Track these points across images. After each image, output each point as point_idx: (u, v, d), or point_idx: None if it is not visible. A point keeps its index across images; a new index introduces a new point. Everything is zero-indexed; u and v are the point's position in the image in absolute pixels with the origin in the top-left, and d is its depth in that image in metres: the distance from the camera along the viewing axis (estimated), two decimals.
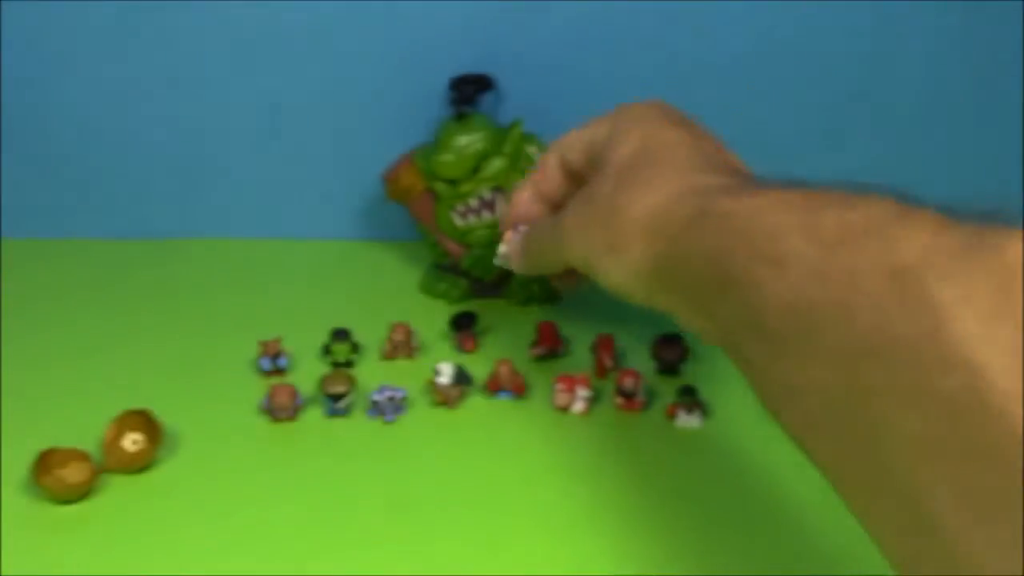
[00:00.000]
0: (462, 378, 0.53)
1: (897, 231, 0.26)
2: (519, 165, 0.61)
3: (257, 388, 0.54)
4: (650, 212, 0.38)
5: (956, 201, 0.27)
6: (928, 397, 0.24)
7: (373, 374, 0.55)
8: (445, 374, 0.53)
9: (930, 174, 0.49)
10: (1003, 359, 0.22)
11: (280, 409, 0.52)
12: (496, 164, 0.60)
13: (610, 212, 0.40)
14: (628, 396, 0.53)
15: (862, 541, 0.45)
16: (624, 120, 0.44)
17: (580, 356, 0.58)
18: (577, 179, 0.47)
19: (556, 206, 0.48)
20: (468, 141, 0.60)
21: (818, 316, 0.28)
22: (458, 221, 0.62)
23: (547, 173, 0.49)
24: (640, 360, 0.57)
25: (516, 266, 0.51)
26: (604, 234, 0.41)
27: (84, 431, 0.50)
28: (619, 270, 0.40)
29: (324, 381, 0.53)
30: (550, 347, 0.57)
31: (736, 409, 0.53)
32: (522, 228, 0.50)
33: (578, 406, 0.53)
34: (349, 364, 0.57)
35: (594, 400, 0.54)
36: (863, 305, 0.26)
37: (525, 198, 0.50)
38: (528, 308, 0.63)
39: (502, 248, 0.52)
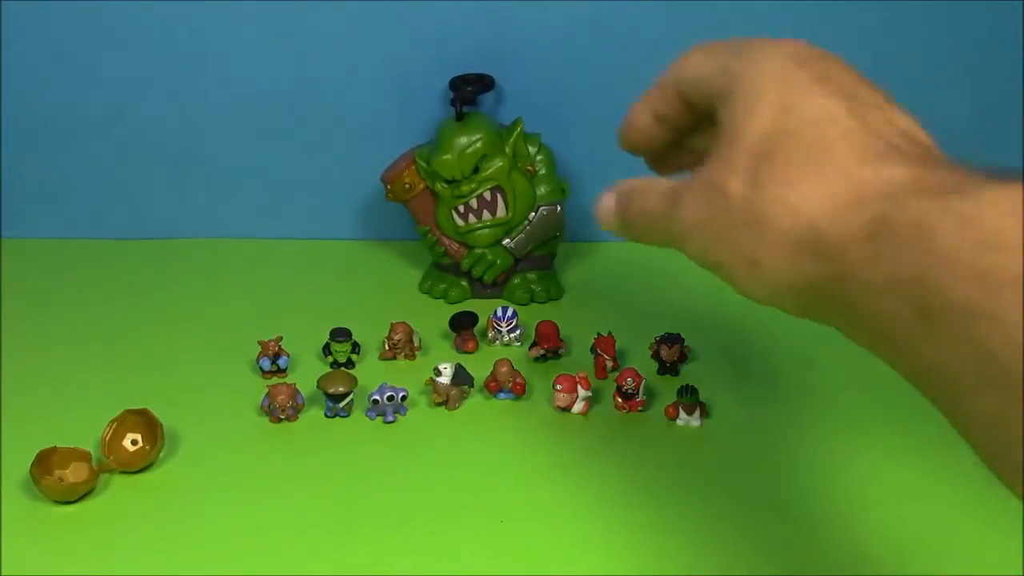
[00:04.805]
0: (462, 378, 0.53)
1: None
2: (519, 165, 0.61)
3: (257, 388, 0.54)
4: (807, 224, 0.30)
5: None
6: None
7: (373, 374, 0.55)
8: (445, 374, 0.53)
9: None
10: None
11: (280, 409, 0.52)
12: (496, 164, 0.60)
13: (750, 220, 0.32)
14: (628, 396, 0.53)
15: (862, 541, 0.45)
16: (755, 75, 0.34)
17: (580, 356, 0.58)
18: (698, 112, 0.38)
19: (678, 131, 0.40)
20: (468, 141, 0.60)
21: None
22: (458, 221, 0.62)
23: (665, 98, 0.39)
24: (640, 360, 0.57)
25: (610, 226, 0.40)
26: (742, 246, 0.32)
27: (84, 431, 0.50)
28: (765, 288, 0.33)
29: (324, 381, 0.53)
30: (550, 347, 0.57)
31: (736, 409, 0.53)
32: (622, 188, 0.39)
33: (578, 406, 0.53)
34: (349, 364, 0.57)
35: (594, 400, 0.54)
36: None
37: (645, 122, 0.40)
38: (528, 308, 0.62)
39: (600, 207, 0.40)
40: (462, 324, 0.58)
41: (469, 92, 0.61)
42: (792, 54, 0.34)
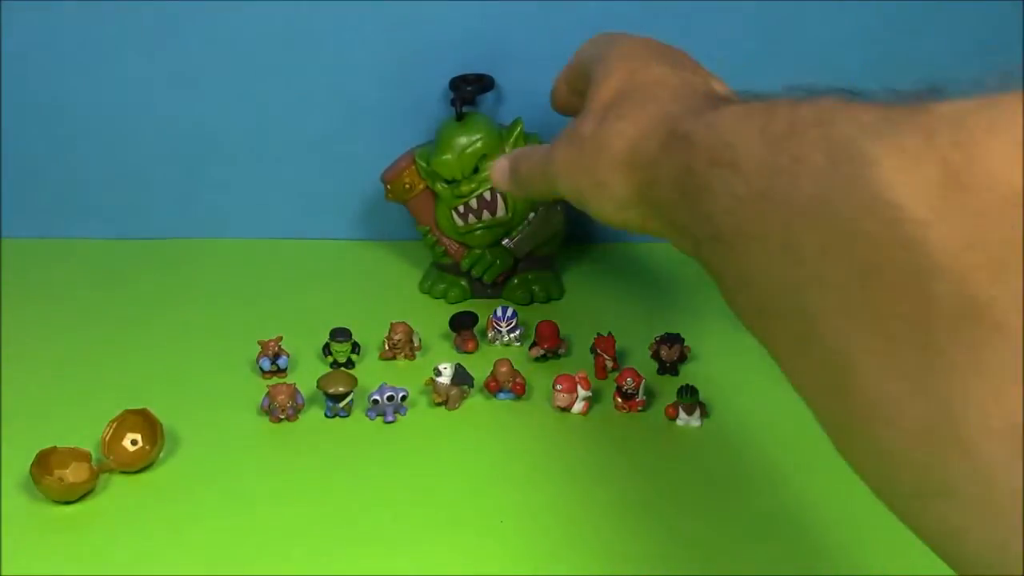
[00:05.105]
0: (462, 378, 0.53)
1: (842, 115, 0.28)
2: None
3: (257, 388, 0.54)
4: (629, 146, 0.40)
5: None
6: (853, 243, 0.25)
7: (373, 374, 0.55)
8: (445, 374, 0.53)
9: None
10: (920, 194, 0.23)
11: (280, 409, 0.52)
12: None
13: (594, 150, 0.42)
14: (628, 396, 0.53)
15: (862, 541, 0.45)
16: (613, 57, 0.46)
17: (580, 356, 0.58)
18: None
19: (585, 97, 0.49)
20: (468, 141, 0.60)
21: (766, 205, 0.29)
22: (458, 221, 0.62)
23: (571, 74, 0.51)
24: (640, 360, 0.57)
25: (505, 188, 0.52)
26: (590, 171, 0.42)
27: (84, 431, 0.50)
28: (608, 204, 0.42)
29: (324, 381, 0.53)
30: (550, 347, 0.57)
31: (736, 409, 0.53)
32: (513, 154, 0.52)
33: (578, 406, 0.53)
34: (349, 364, 0.57)
35: (594, 400, 0.54)
36: (805, 182, 0.28)
37: (562, 91, 0.52)
38: (528, 307, 0.63)
39: (495, 169, 0.52)
40: (462, 324, 0.58)
41: (469, 92, 0.61)
42: (641, 42, 0.47)
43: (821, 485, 0.48)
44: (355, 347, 0.57)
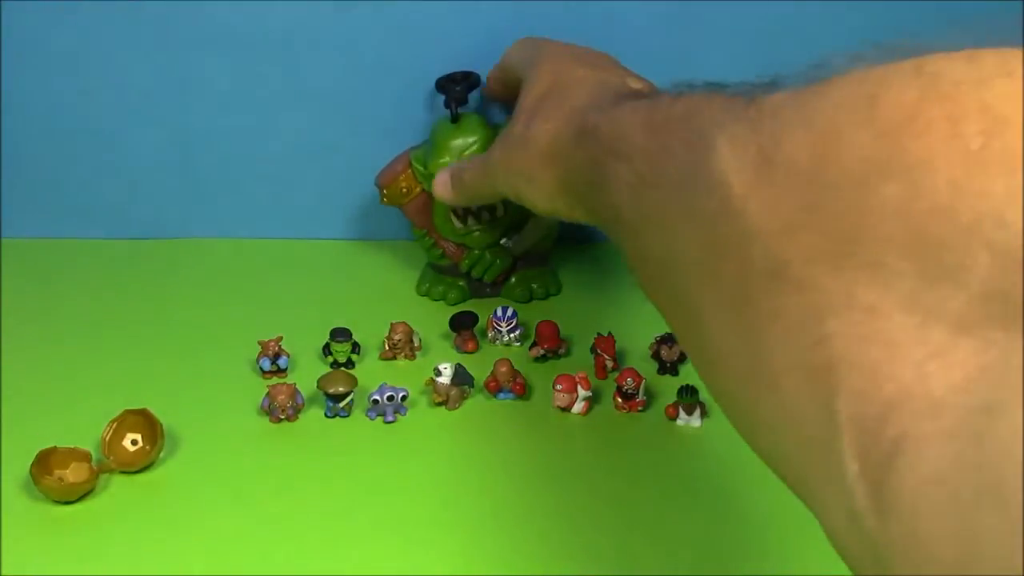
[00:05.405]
0: (462, 378, 0.53)
1: (702, 108, 0.32)
2: None
3: (257, 388, 0.54)
4: (549, 141, 0.45)
5: None
6: (702, 217, 0.29)
7: (373, 374, 0.55)
8: (445, 374, 0.53)
9: None
10: (743, 173, 0.27)
11: (280, 409, 0.52)
12: None
13: (524, 147, 0.47)
14: (628, 396, 0.53)
15: None
16: (540, 62, 0.51)
17: (580, 356, 0.58)
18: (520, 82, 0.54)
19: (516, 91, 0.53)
20: (465, 143, 0.59)
21: (648, 190, 0.34)
22: (456, 223, 0.62)
23: (500, 73, 0.59)
24: (640, 360, 0.57)
25: (449, 199, 0.57)
26: (522, 168, 0.47)
27: (84, 431, 0.50)
28: (539, 196, 0.47)
29: (324, 381, 0.53)
30: (550, 347, 0.57)
31: None
32: (452, 167, 0.57)
33: (578, 406, 0.53)
34: (349, 364, 0.57)
35: (594, 400, 0.54)
36: (672, 168, 0.32)
37: (494, 87, 0.60)
38: (528, 307, 0.62)
39: (436, 183, 0.57)
40: (462, 324, 0.58)
41: (460, 92, 0.61)
42: (566, 47, 0.53)
43: None
44: (355, 347, 0.57)
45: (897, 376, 0.23)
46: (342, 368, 0.56)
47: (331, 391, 0.52)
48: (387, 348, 0.57)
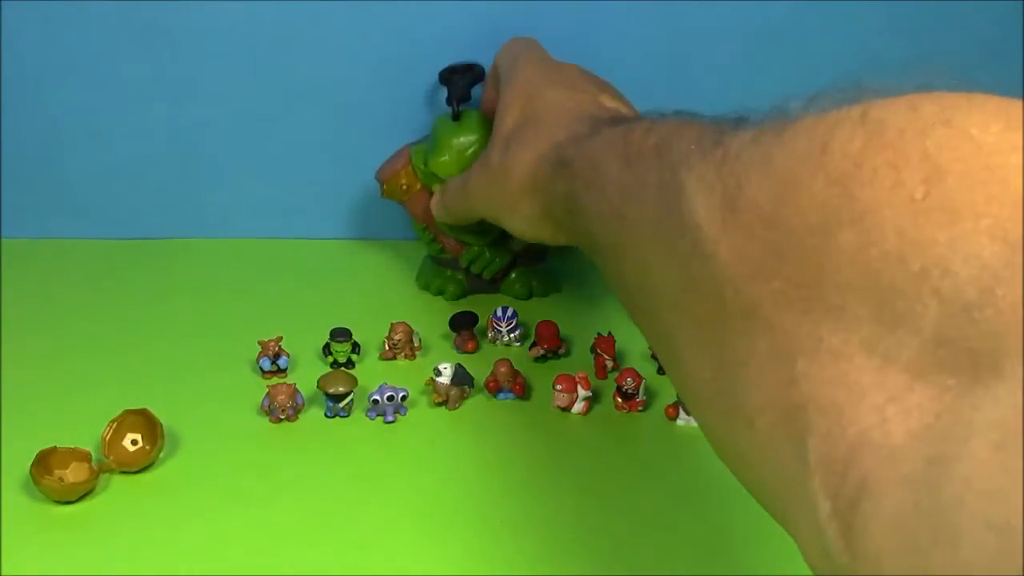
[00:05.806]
0: (462, 378, 0.53)
1: (674, 142, 0.33)
2: None
3: (257, 388, 0.54)
4: (528, 172, 0.46)
5: None
6: (676, 256, 0.30)
7: (373, 374, 0.55)
8: (445, 374, 0.53)
9: None
10: (712, 216, 0.28)
11: (280, 409, 0.52)
12: None
13: (502, 177, 0.48)
14: (628, 396, 0.53)
15: None
16: (513, 84, 0.52)
17: (580, 356, 0.58)
18: None
19: None
20: (467, 141, 0.59)
21: (623, 223, 0.35)
22: None
23: (493, 76, 0.58)
24: (640, 360, 0.57)
25: (441, 218, 0.59)
26: (501, 196, 0.49)
27: (84, 431, 0.50)
28: (522, 223, 0.49)
29: (324, 381, 0.53)
30: (550, 347, 0.57)
31: None
32: (442, 187, 0.58)
33: (578, 406, 0.53)
34: (349, 364, 0.57)
35: (594, 400, 0.54)
36: (647, 205, 0.33)
37: (489, 91, 0.59)
38: (528, 307, 0.62)
39: (432, 205, 0.60)
40: (462, 324, 0.58)
41: (462, 87, 0.61)
42: (538, 67, 0.53)
43: None
44: (355, 347, 0.57)
45: (859, 420, 0.23)
46: (342, 368, 0.56)
47: (331, 391, 0.52)
48: (387, 348, 0.57)
